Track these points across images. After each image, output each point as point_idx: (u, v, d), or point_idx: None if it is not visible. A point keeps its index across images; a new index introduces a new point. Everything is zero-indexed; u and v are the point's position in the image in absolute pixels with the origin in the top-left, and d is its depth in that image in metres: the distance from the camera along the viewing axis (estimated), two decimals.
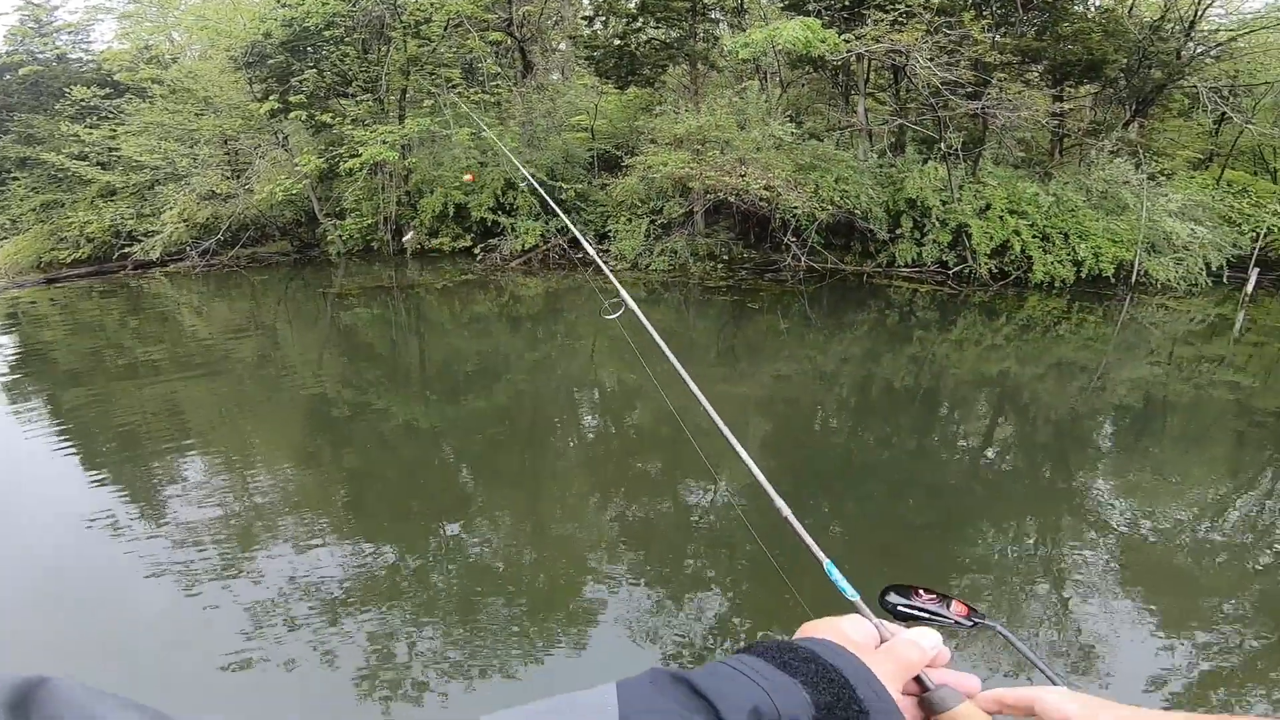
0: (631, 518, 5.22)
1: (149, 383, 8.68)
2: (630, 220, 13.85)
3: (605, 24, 14.77)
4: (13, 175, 19.10)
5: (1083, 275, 12.03)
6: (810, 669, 0.40)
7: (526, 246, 14.54)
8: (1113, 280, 12.13)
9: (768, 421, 7.10)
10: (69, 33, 20.58)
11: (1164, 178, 13.25)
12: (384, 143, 14.06)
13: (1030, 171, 13.50)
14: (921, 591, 2.28)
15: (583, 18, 17.13)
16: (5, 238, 18.89)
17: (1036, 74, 12.83)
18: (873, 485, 5.63)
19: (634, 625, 3.91)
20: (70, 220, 17.23)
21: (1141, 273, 12.16)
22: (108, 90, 16.73)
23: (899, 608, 2.21)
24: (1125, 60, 12.90)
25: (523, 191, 14.73)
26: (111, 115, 16.56)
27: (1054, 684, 2.04)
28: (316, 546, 4.70)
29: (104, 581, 4.41)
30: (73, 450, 6.59)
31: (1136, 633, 3.85)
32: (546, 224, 14.78)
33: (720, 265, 13.52)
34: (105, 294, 14.77)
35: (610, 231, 14.07)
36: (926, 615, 2.17)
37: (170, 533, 4.88)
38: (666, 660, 3.64)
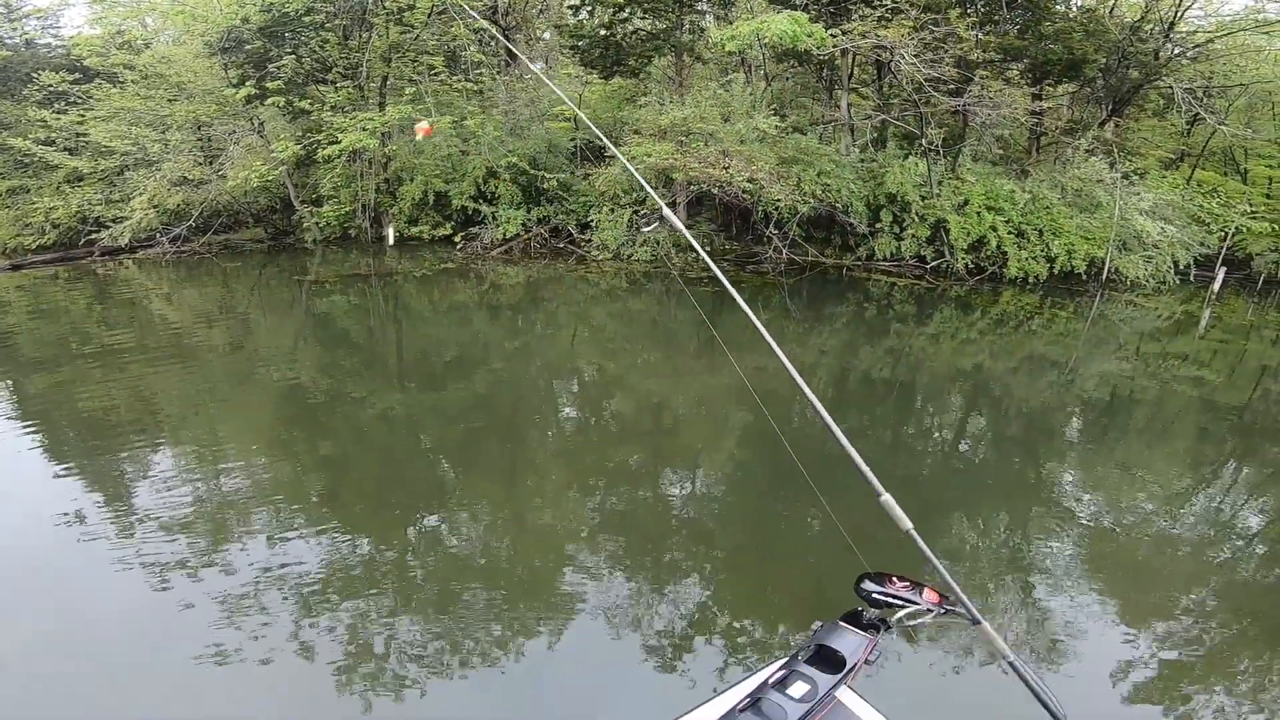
0: (610, 507, 5.23)
1: (117, 371, 8.50)
2: (613, 210, 13.81)
3: (591, 13, 14.64)
4: None
5: (1055, 271, 12.24)
6: None
7: (508, 235, 14.44)
8: (1084, 277, 12.36)
9: (747, 412, 7.14)
10: (38, 18, 20.01)
11: (1137, 177, 13.50)
12: (364, 129, 13.84)
13: (1008, 169, 13.68)
14: (895, 579, 2.32)
15: (569, 6, 16.98)
16: None
17: (1017, 72, 12.98)
18: (848, 476, 5.68)
19: (613, 614, 3.92)
20: (36, 206, 16.74)
21: (1112, 270, 12.41)
22: (77, 75, 16.28)
23: (873, 594, 2.24)
24: (1104, 60, 13.10)
25: (504, 180, 14.60)
26: (80, 101, 16.10)
27: (1020, 673, 2.07)
28: (292, 538, 4.65)
29: (75, 578, 4.32)
30: (38, 439, 6.45)
31: (1101, 623, 3.95)
32: (528, 213, 14.68)
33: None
34: (72, 280, 14.41)
35: (593, 221, 14.02)
36: (900, 601, 2.20)
37: (141, 526, 4.79)
38: (646, 651, 3.66)
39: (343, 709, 3.29)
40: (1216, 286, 12.60)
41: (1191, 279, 12.91)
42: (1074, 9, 14.00)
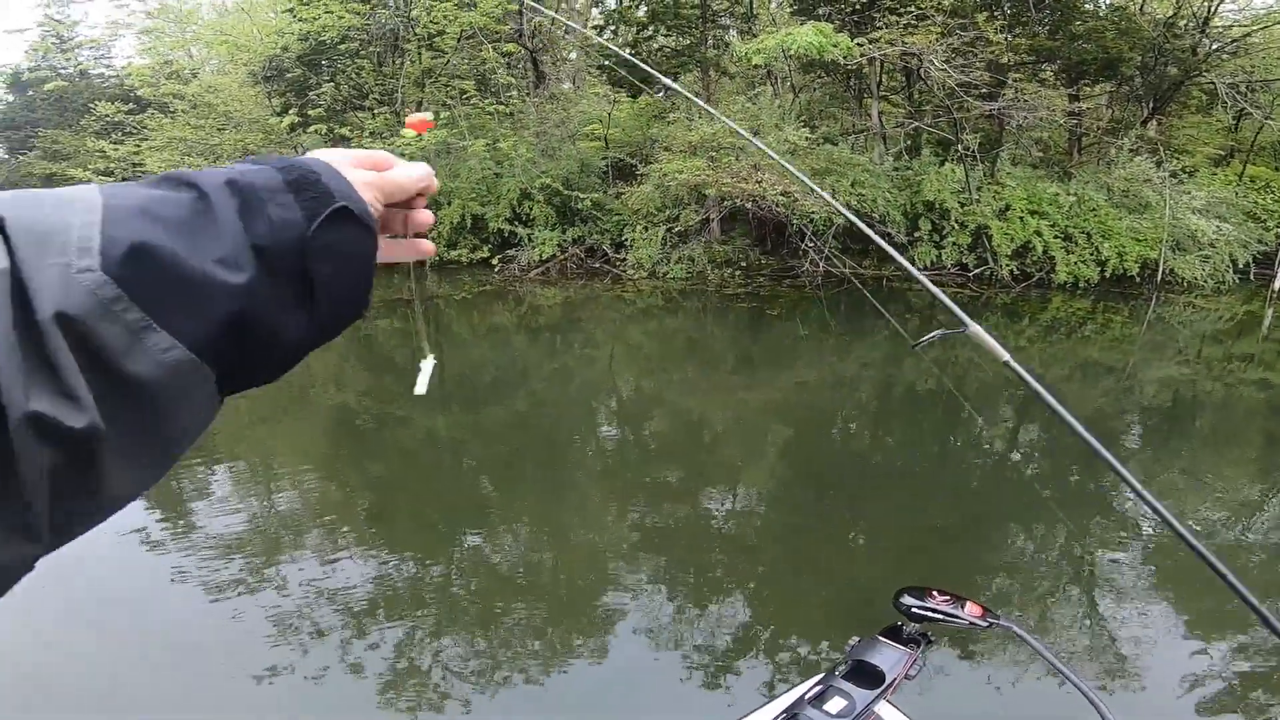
0: (649, 525, 5.20)
1: None
2: (647, 228, 13.87)
3: (615, 32, 14.85)
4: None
5: (1107, 275, 11.85)
6: (284, 163, 0.45)
7: (544, 256, 14.60)
8: (1138, 279, 11.94)
9: (788, 428, 7.05)
10: (90, 48, 20.97)
11: (1186, 175, 13.05)
12: (401, 155, 14.18)
13: (1049, 171, 13.35)
14: (935, 593, 2.24)
15: (593, 26, 17.24)
16: None
17: (1051, 73, 12.72)
18: (895, 489, 5.56)
19: (652, 631, 3.88)
20: None
21: (1167, 271, 11.97)
22: (131, 106, 17.00)
23: (913, 609, 2.17)
24: (1140, 58, 12.76)
25: (538, 201, 14.81)
26: (135, 131, 16.82)
27: (1076, 685, 1.97)
28: (341, 556, 4.72)
29: (137, 592, 4.45)
30: None
31: (1170, 635, 3.76)
32: (563, 233, 14.84)
33: (738, 272, 13.48)
34: None
35: (627, 240, 14.10)
36: (940, 616, 2.11)
37: (199, 542, 4.92)
38: (692, 672, 3.61)
39: None
40: (1277, 284, 12.05)
41: (1251, 278, 12.37)
42: (1103, 7, 13.70)
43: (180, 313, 0.37)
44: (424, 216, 0.60)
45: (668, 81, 2.21)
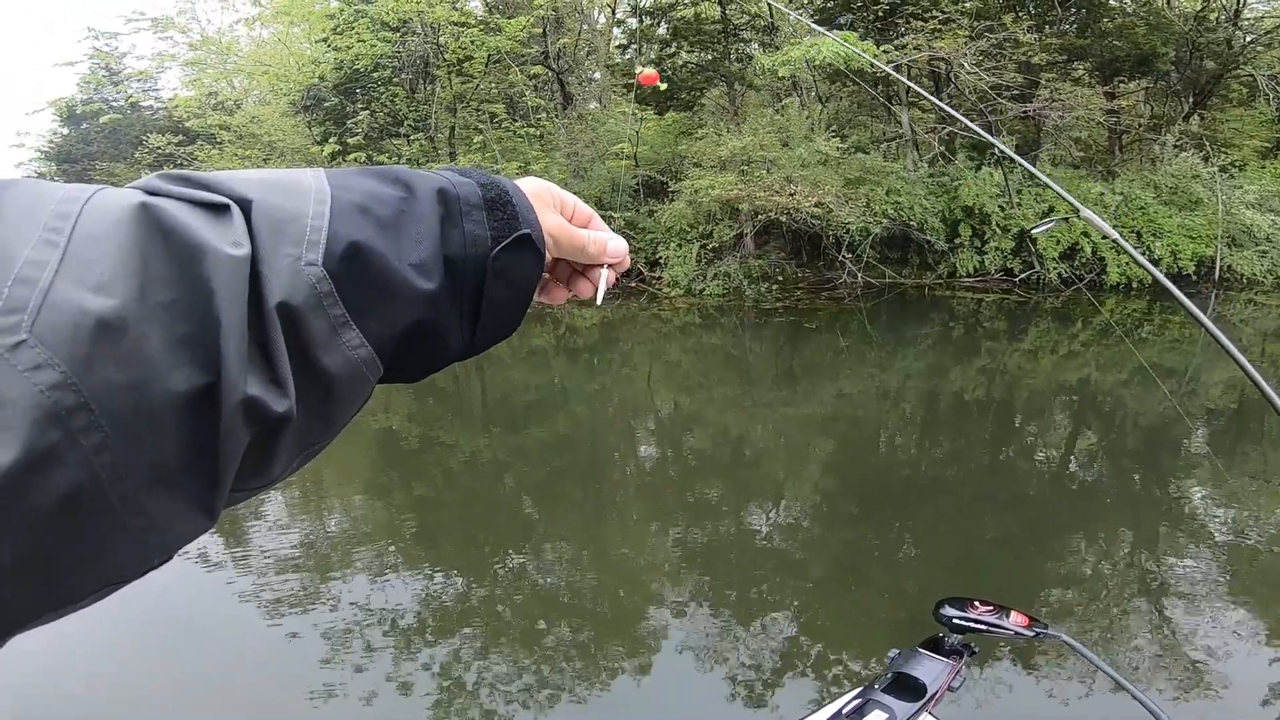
0: (694, 543, 5.14)
1: None
2: (680, 246, 13.88)
3: (639, 51, 15.02)
4: None
5: (1162, 274, 11.43)
6: (482, 179, 0.46)
7: None
8: (1194, 278, 11.48)
9: (831, 441, 6.92)
10: (139, 80, 21.80)
11: (1236, 169, 12.55)
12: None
13: (1092, 171, 13.00)
14: (978, 603, 2.14)
15: (616, 46, 17.47)
16: None
17: (1084, 71, 12.44)
18: (944, 500, 5.40)
19: (699, 650, 3.82)
20: None
21: (1225, 268, 11.48)
22: (180, 138, 17.58)
23: (954, 619, 2.08)
24: (1174, 52, 12.40)
25: None
26: (186, 162, 17.36)
27: (1135, 695, 1.86)
28: (389, 576, 4.78)
29: (194, 612, 4.56)
30: None
31: (1247, 644, 3.55)
32: None
33: (775, 286, 13.38)
34: None
35: (662, 258, 14.14)
36: (984, 627, 2.02)
37: (253, 563, 5.04)
38: (734, 688, 3.54)
39: None
40: None
41: None
42: (1129, 2, 13.37)
43: (374, 312, 0.38)
44: (584, 288, 0.62)
45: None
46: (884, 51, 11.68)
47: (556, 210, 0.53)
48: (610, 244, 0.59)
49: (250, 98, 18.92)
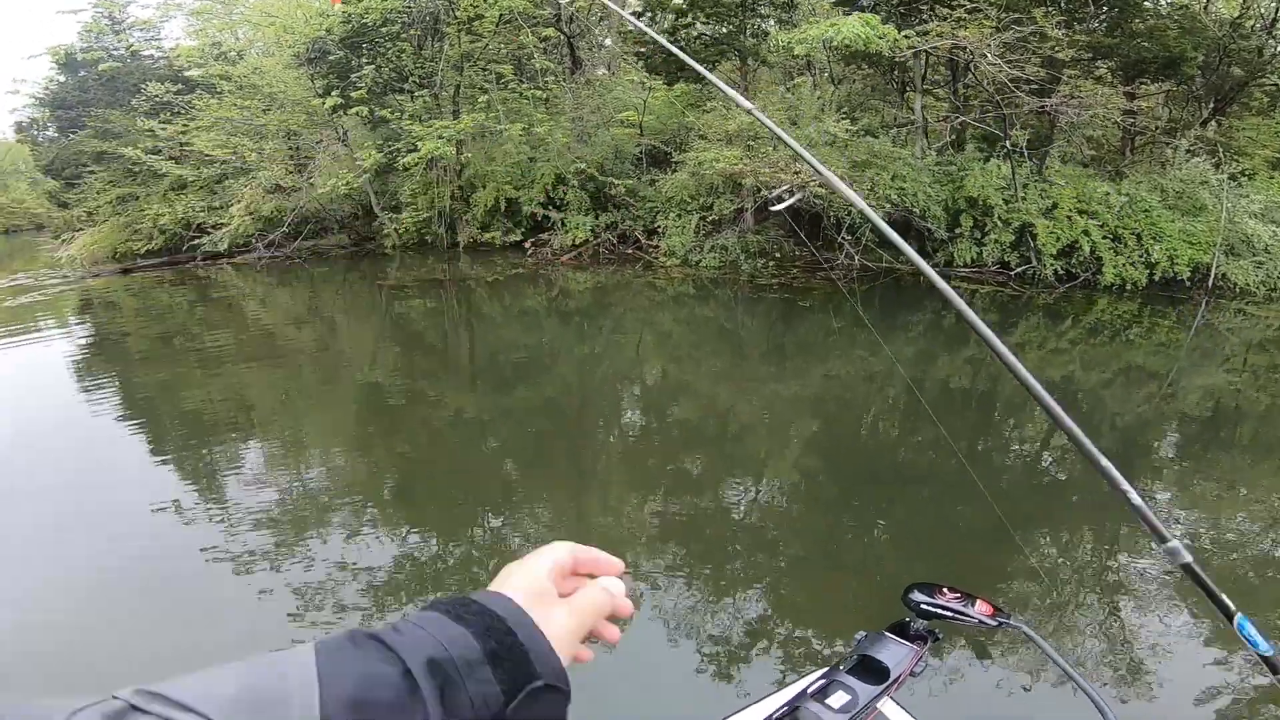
0: (672, 515, 5.20)
1: (215, 369, 9.07)
2: (680, 216, 13.79)
3: (654, 19, 14.72)
4: (90, 170, 19.92)
5: (1156, 278, 11.46)
6: (480, 621, 0.45)
7: (576, 241, 14.64)
8: (1188, 283, 11.52)
9: (815, 421, 6.98)
10: (141, 29, 21.34)
11: (1245, 178, 12.51)
12: (440, 138, 14.33)
13: (1101, 170, 12.92)
14: (946, 590, 2.19)
15: (632, 12, 17.07)
16: (82, 229, 19.85)
17: (1107, 70, 12.29)
18: (921, 488, 5.48)
19: (670, 623, 3.89)
20: (145, 212, 17.98)
21: (1219, 276, 11.52)
22: (179, 86, 17.28)
23: (922, 605, 2.13)
24: (1203, 57, 12.24)
25: (573, 187, 14.82)
26: (184, 111, 17.09)
27: (1086, 690, 1.91)
28: (366, 534, 4.82)
29: (166, 565, 4.59)
30: (142, 432, 6.93)
31: (1189, 646, 3.65)
32: (596, 219, 14.84)
33: (771, 263, 13.35)
34: (176, 284, 15.48)
35: (660, 227, 14.05)
36: (949, 613, 2.07)
37: (230, 517, 5.06)
38: (702, 662, 3.62)
39: None
40: None
41: None
42: (1165, 6, 13.16)
43: None
44: (611, 633, 0.60)
45: (703, 71, 2.18)
46: (904, 37, 11.47)
47: (558, 586, 0.52)
48: (615, 588, 0.57)
49: (254, 49, 18.48)
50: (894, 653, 1.85)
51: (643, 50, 14.56)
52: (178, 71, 17.50)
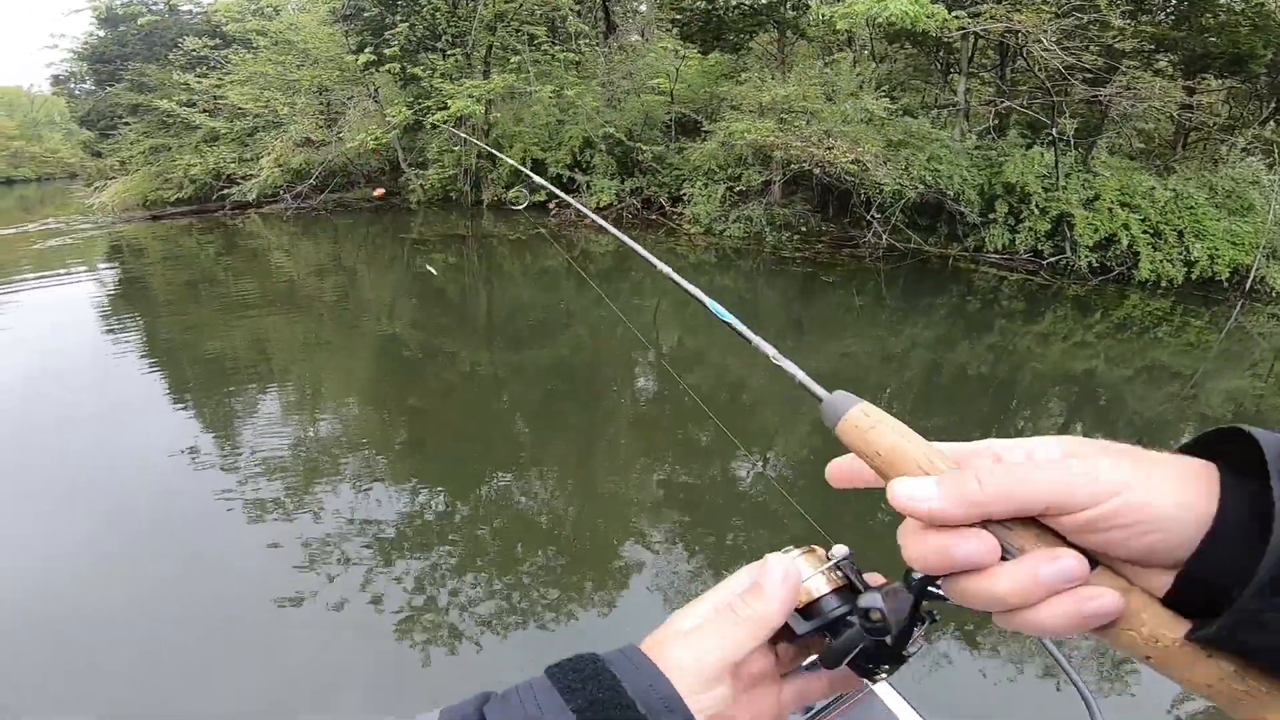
0: (678, 483, 5.20)
1: (237, 316, 9.19)
2: (706, 185, 13.63)
3: None
4: (125, 121, 20.27)
5: (1193, 277, 11.11)
6: (590, 688, 0.42)
7: (601, 204, 14.53)
8: (1225, 285, 11.16)
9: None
10: None
11: None
12: (470, 97, 14.23)
13: (1148, 164, 12.49)
14: None
15: None
16: (115, 178, 20.13)
17: (1168, 63, 11.81)
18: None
19: (669, 592, 3.91)
20: (176, 163, 18.19)
21: (1258, 279, 11.14)
22: (216, 41, 17.39)
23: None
24: (1271, 55, 11.72)
25: (600, 150, 14.67)
26: (219, 65, 17.19)
27: (1071, 678, 1.88)
28: (374, 487, 4.88)
29: (178, 510, 4.66)
30: (163, 377, 7.05)
31: None
32: (621, 183, 14.71)
33: (796, 236, 13.17)
34: (204, 231, 15.66)
35: (685, 195, 13.90)
36: (950, 596, 2.03)
37: (242, 464, 5.14)
38: None
39: (401, 657, 3.41)
40: None
41: None
42: (1238, 1, 12.56)
43: None
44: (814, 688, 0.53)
45: None
46: (954, 17, 11.08)
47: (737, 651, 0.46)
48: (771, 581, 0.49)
49: (290, 4, 18.42)
50: None
51: (678, 17, 14.23)
52: (215, 26, 17.56)
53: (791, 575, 0.48)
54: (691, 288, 0.75)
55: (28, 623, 3.55)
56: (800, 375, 0.54)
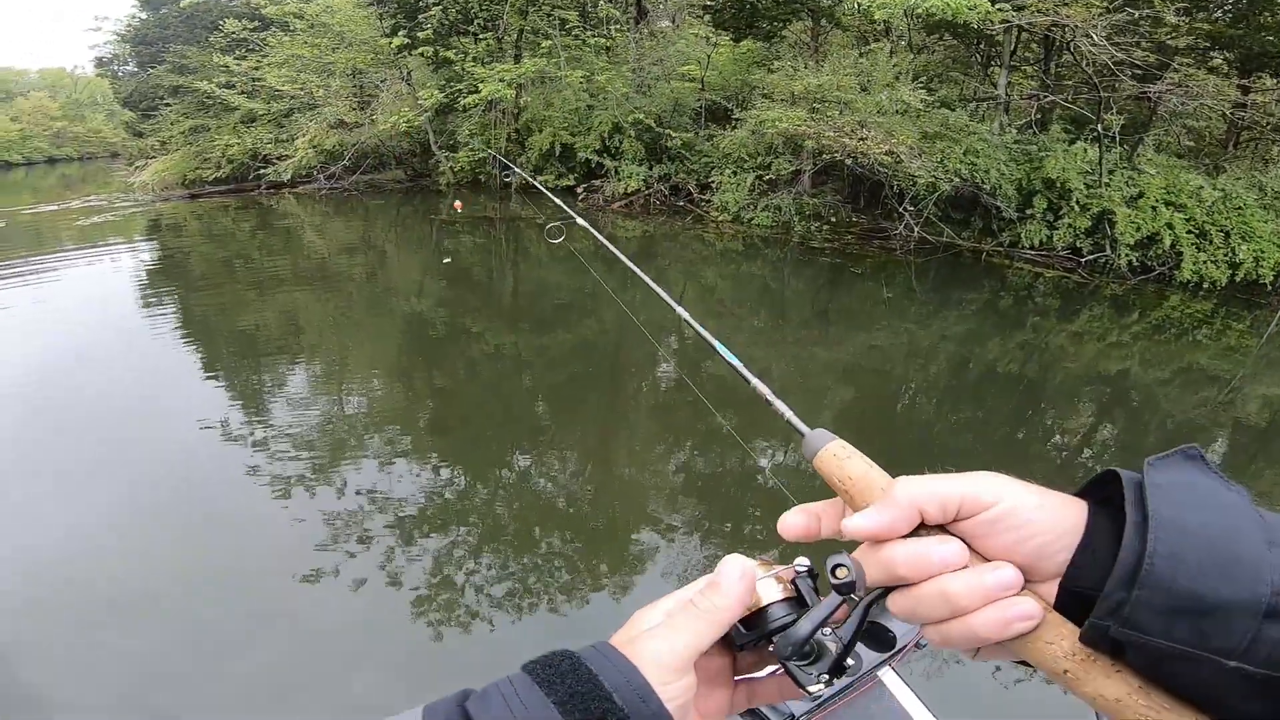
0: (697, 469, 5.20)
1: (270, 292, 9.35)
2: (736, 173, 13.51)
3: None
4: (166, 101, 20.75)
5: (1237, 279, 10.75)
6: (568, 681, 0.44)
7: (629, 190, 14.49)
8: (1269, 288, 10.78)
9: (851, 390, 6.85)
10: None
11: None
12: (501, 81, 14.25)
13: (1196, 162, 12.08)
14: None
15: None
16: (155, 157, 20.58)
17: (1223, 61, 11.39)
18: (951, 468, 5.34)
19: (683, 578, 3.91)
20: (215, 143, 18.55)
21: None
22: (255, 24, 17.60)
23: None
24: None
25: (629, 136, 14.61)
26: (258, 47, 17.43)
27: None
28: (397, 464, 4.94)
29: (206, 483, 4.76)
30: (197, 350, 7.21)
31: None
32: (650, 170, 14.65)
33: (825, 227, 13.00)
34: (239, 209, 15.96)
35: (714, 182, 13.79)
36: None
37: (271, 439, 5.24)
38: None
39: (415, 635, 3.45)
40: None
41: None
42: None
43: None
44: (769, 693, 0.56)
45: None
46: (998, 10, 10.79)
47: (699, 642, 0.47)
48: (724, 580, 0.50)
49: None
50: (901, 623, 1.82)
51: (711, 4, 14.07)
52: (254, 9, 17.77)
53: (748, 574, 0.51)
54: (702, 330, 0.89)
55: (56, 591, 3.67)
56: (789, 414, 0.66)
